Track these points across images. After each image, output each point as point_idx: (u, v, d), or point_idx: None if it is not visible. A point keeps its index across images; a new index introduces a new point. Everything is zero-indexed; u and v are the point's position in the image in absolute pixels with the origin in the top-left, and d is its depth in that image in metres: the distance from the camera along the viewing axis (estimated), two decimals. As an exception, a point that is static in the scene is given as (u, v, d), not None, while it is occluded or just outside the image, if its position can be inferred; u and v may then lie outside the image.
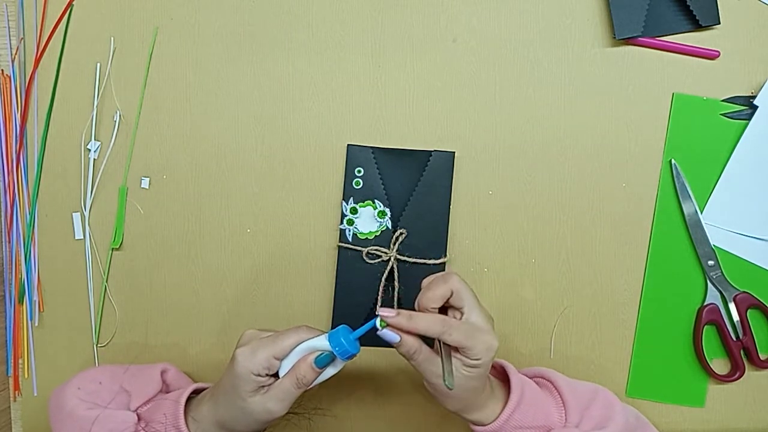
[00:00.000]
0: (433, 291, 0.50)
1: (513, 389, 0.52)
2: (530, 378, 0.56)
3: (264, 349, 0.50)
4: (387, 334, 0.49)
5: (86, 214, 0.65)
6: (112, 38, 0.65)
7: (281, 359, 0.51)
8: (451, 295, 0.50)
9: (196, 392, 0.57)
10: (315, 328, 0.52)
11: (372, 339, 0.65)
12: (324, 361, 0.51)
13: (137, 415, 0.54)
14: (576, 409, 0.53)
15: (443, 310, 0.51)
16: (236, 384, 0.50)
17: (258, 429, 0.52)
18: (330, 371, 0.52)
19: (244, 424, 0.51)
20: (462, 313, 0.50)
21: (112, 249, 0.65)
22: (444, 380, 0.48)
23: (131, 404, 0.56)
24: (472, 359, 0.48)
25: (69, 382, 0.56)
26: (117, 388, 0.57)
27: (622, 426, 0.53)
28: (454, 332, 0.48)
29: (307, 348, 0.51)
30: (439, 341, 0.49)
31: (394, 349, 0.64)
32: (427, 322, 0.48)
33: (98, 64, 0.65)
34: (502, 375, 0.56)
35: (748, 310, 0.64)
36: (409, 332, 0.49)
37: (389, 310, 0.49)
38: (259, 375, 0.50)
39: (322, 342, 0.51)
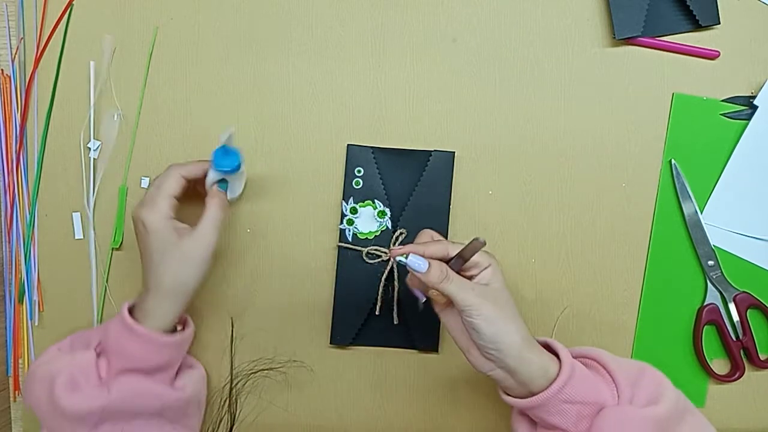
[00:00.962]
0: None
1: (564, 362, 0.50)
2: (574, 358, 0.53)
3: (158, 197, 0.54)
4: (414, 261, 0.49)
5: (87, 213, 0.65)
6: (112, 38, 0.65)
7: (177, 195, 0.56)
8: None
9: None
10: (183, 164, 0.57)
11: (380, 339, 0.65)
12: (223, 186, 0.59)
13: (96, 353, 0.54)
14: (627, 386, 0.51)
15: None
16: (161, 241, 0.53)
17: (205, 271, 0.55)
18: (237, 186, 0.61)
19: (191, 274, 0.54)
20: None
21: (112, 249, 0.65)
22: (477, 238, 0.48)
23: (90, 345, 0.55)
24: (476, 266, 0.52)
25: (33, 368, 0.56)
26: (75, 344, 0.57)
27: (674, 402, 0.51)
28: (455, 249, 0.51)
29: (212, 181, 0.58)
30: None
31: (393, 348, 0.64)
32: (435, 244, 0.52)
33: (98, 64, 0.65)
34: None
35: (748, 310, 0.64)
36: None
37: (398, 247, 0.51)
38: (172, 217, 0.55)
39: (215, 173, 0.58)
